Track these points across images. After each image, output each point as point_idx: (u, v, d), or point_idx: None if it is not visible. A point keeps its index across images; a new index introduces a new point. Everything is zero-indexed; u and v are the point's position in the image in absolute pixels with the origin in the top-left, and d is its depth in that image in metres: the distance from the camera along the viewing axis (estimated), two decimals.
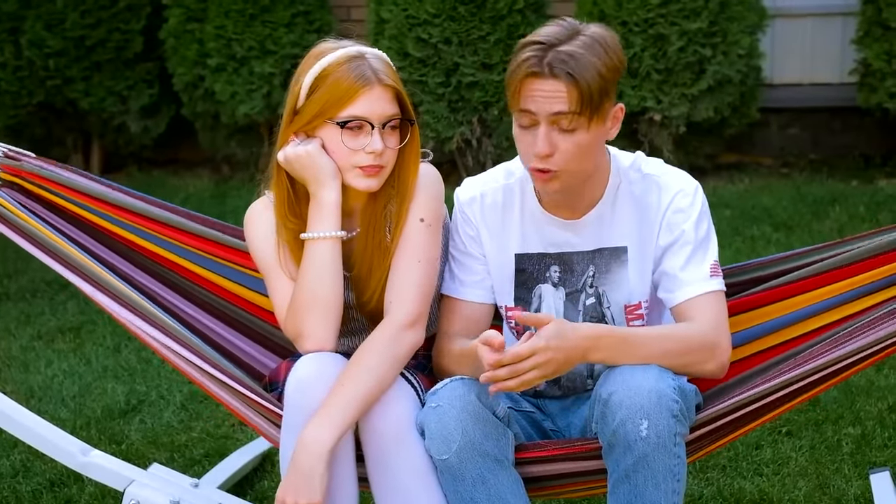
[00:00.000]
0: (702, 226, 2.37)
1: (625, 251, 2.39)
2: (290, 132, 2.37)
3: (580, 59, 2.19)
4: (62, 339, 4.47)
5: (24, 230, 2.59)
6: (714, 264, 2.36)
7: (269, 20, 6.45)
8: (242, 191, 6.37)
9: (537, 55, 2.21)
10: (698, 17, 5.99)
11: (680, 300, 2.33)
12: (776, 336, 2.58)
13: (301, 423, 2.25)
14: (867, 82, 6.26)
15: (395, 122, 2.34)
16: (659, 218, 2.37)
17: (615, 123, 2.31)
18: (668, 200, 2.37)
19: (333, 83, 2.31)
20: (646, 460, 2.14)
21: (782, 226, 5.52)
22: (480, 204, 2.45)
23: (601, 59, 2.21)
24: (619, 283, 2.41)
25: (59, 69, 6.76)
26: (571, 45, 2.21)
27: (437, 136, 6.22)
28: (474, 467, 2.20)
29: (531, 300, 2.46)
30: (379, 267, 2.42)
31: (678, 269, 2.34)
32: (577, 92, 2.19)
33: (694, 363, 2.28)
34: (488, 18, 6.12)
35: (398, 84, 2.35)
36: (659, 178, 2.39)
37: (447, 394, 2.23)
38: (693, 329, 2.29)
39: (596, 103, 2.22)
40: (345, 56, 2.33)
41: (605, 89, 2.22)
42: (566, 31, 2.24)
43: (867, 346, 2.26)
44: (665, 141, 6.18)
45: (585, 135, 2.24)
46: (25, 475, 3.33)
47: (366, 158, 2.32)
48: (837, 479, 3.15)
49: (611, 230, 2.39)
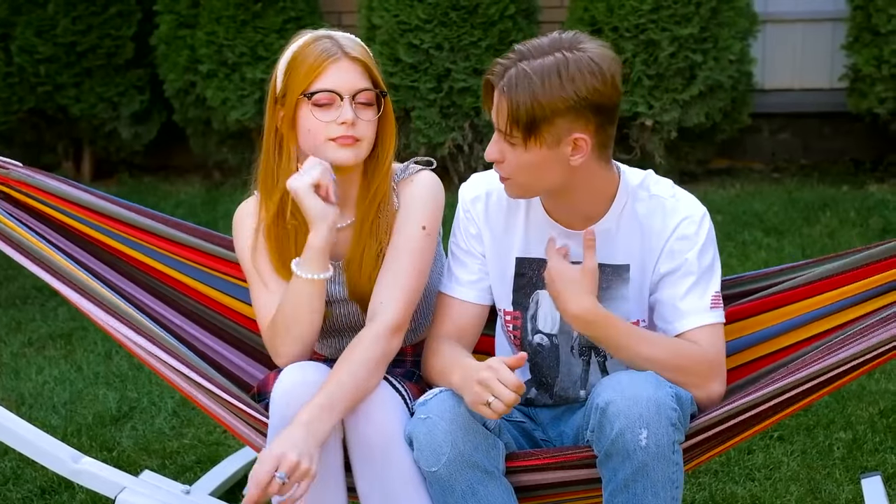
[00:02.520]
0: (706, 255, 2.33)
1: (627, 269, 2.37)
2: (274, 119, 2.40)
3: (522, 81, 2.16)
4: (53, 345, 4.46)
5: (11, 239, 2.58)
6: (716, 296, 2.32)
7: (260, 26, 6.45)
8: (234, 197, 6.36)
9: (504, 64, 2.22)
10: (689, 22, 6.00)
11: (677, 331, 2.31)
12: (769, 345, 2.57)
13: None
14: (857, 87, 6.28)
15: (367, 95, 2.37)
16: (661, 243, 2.33)
17: (577, 151, 2.21)
18: (674, 226, 2.32)
19: (302, 61, 2.35)
20: (645, 469, 2.12)
21: (773, 231, 5.53)
22: (485, 203, 2.44)
23: (548, 85, 2.15)
24: (618, 301, 2.37)
25: (49, 75, 6.75)
26: (531, 64, 2.17)
27: (429, 142, 6.22)
28: (464, 479, 2.19)
29: (528, 305, 2.44)
30: (370, 262, 2.42)
31: (677, 300, 2.31)
32: (506, 111, 2.19)
33: (691, 375, 2.26)
34: (480, 24, 6.13)
35: (367, 58, 2.38)
36: (666, 200, 2.34)
37: (437, 405, 2.22)
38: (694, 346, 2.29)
39: (528, 126, 2.18)
40: (313, 37, 2.39)
41: (543, 116, 2.16)
42: (546, 48, 2.19)
43: (860, 353, 2.25)
44: (657, 146, 6.19)
45: (524, 153, 2.22)
46: (16, 482, 3.31)
47: (338, 129, 2.34)
48: (829, 483, 3.16)
49: (615, 247, 2.36)
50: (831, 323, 2.52)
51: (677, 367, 2.25)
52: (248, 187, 2.55)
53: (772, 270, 2.64)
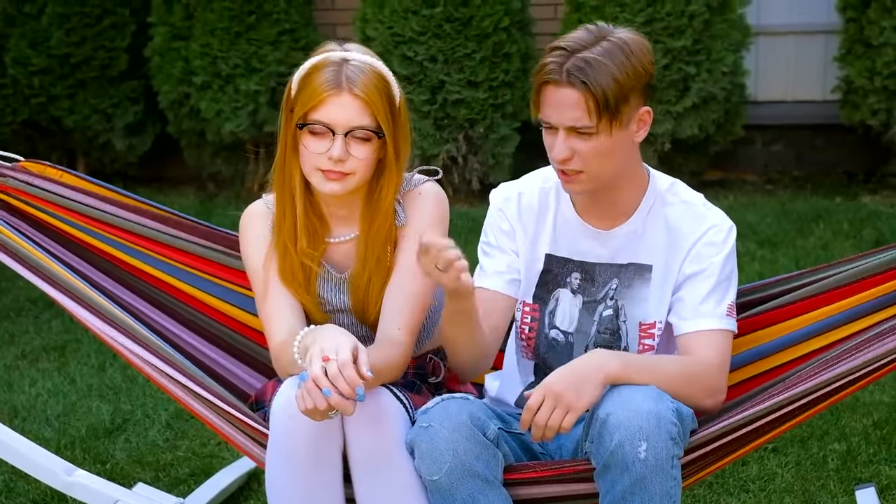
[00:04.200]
0: (728, 265, 2.38)
1: (650, 269, 2.40)
2: (286, 122, 2.39)
3: (596, 67, 2.21)
4: (46, 357, 4.45)
5: (7, 248, 2.58)
6: (731, 306, 2.37)
7: (254, 38, 6.46)
8: (228, 208, 6.35)
9: (558, 62, 2.24)
10: (682, 35, 6.02)
11: (690, 329, 2.34)
12: (766, 362, 2.57)
13: (288, 445, 2.24)
14: (850, 99, 6.30)
15: (363, 132, 2.33)
16: (688, 246, 2.37)
17: (642, 126, 2.32)
18: (703, 232, 2.37)
19: (308, 85, 2.33)
20: (643, 482, 2.12)
21: (767, 242, 5.54)
22: (517, 203, 2.47)
23: (620, 64, 2.22)
24: (639, 300, 2.41)
25: (43, 87, 6.75)
26: (592, 52, 2.22)
27: (423, 154, 6.23)
28: (465, 488, 2.19)
29: (548, 300, 2.47)
30: (377, 279, 2.42)
31: (697, 300, 2.35)
32: (592, 100, 2.22)
33: (694, 396, 2.28)
34: (474, 36, 6.14)
35: (371, 97, 2.31)
36: (697, 207, 2.41)
37: (438, 413, 2.22)
38: (697, 361, 2.31)
39: (613, 109, 2.23)
40: (326, 60, 2.33)
41: (622, 95, 2.23)
42: (592, 37, 2.25)
43: (857, 368, 2.25)
44: (650, 158, 6.20)
45: (607, 139, 2.26)
46: (9, 496, 3.30)
47: (327, 163, 2.32)
48: (823, 495, 3.16)
49: (640, 247, 2.40)
50: (829, 339, 2.52)
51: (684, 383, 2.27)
52: (240, 199, 2.55)
53: (768, 282, 2.64)
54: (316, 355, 2.09)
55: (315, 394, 2.06)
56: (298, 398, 2.10)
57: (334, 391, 2.06)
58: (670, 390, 2.21)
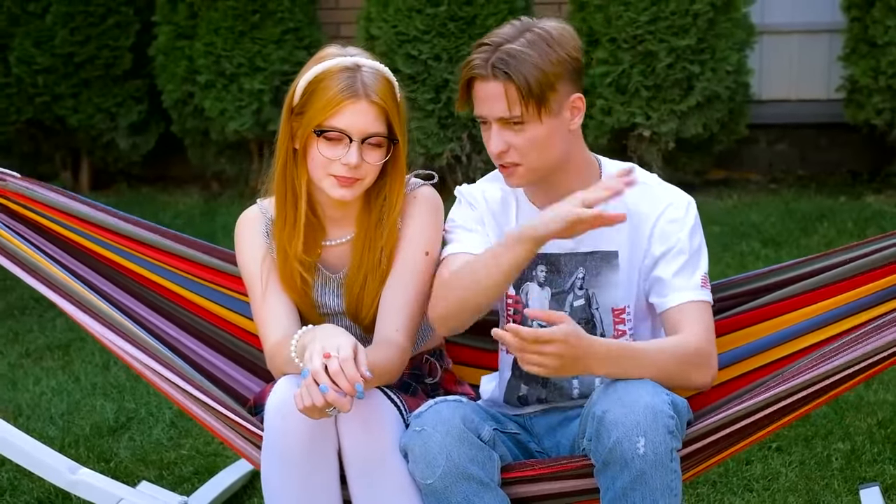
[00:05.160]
0: (695, 238, 2.39)
1: (615, 255, 2.41)
2: (287, 128, 2.38)
3: (518, 57, 2.24)
4: (51, 356, 4.45)
5: (8, 251, 2.58)
6: (704, 277, 2.38)
7: (258, 37, 6.46)
8: (232, 207, 6.36)
9: (483, 57, 2.27)
10: (686, 34, 6.02)
11: (671, 304, 2.35)
12: (763, 356, 2.58)
13: (282, 446, 2.24)
14: (854, 99, 6.30)
15: (378, 139, 2.34)
16: (650, 227, 2.39)
17: (576, 114, 2.33)
18: (661, 210, 2.39)
19: (321, 91, 2.31)
20: (643, 478, 2.12)
21: (771, 241, 5.53)
22: (483, 200, 2.48)
23: (542, 53, 2.25)
24: (608, 287, 2.42)
25: (47, 86, 6.75)
26: (515, 44, 2.26)
27: (427, 153, 6.23)
28: (459, 491, 2.19)
29: (520, 295, 2.47)
30: (372, 281, 2.43)
31: (671, 275, 2.36)
32: (515, 90, 2.24)
33: (687, 375, 2.29)
34: (478, 35, 6.11)
35: (387, 103, 2.33)
36: (653, 188, 2.42)
37: (431, 417, 2.22)
38: (686, 341, 2.31)
39: (538, 97, 2.25)
40: (339, 66, 2.33)
41: (547, 83, 2.25)
42: (515, 31, 2.29)
43: (856, 360, 2.25)
44: (654, 157, 6.21)
45: (538, 127, 2.28)
46: (13, 494, 3.31)
47: (341, 169, 2.33)
48: (827, 494, 3.15)
49: (602, 233, 2.39)
50: (826, 333, 2.52)
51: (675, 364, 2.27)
52: (244, 198, 2.55)
53: (762, 272, 2.64)
54: (317, 352, 2.10)
55: (314, 390, 2.07)
56: (297, 396, 2.10)
57: (333, 388, 2.06)
58: (665, 374, 2.22)
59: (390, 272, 2.42)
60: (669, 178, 2.50)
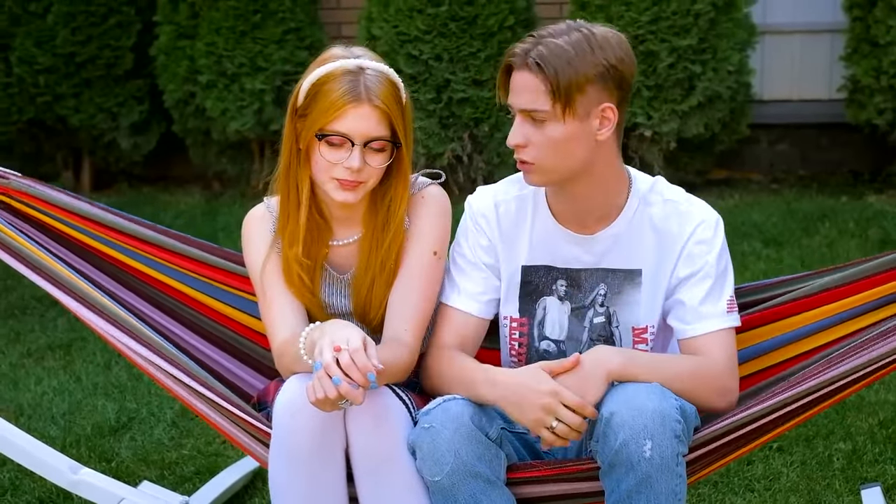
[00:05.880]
0: (722, 260, 2.36)
1: (639, 274, 2.38)
2: (292, 129, 2.38)
3: (555, 51, 2.21)
4: (52, 356, 4.45)
5: (11, 248, 2.59)
6: (731, 300, 2.35)
7: (259, 37, 6.46)
8: (234, 208, 6.36)
9: (525, 47, 2.25)
10: (688, 33, 6.02)
11: (696, 333, 2.33)
12: (769, 358, 2.57)
13: (290, 444, 2.24)
14: (856, 98, 6.29)
15: (380, 143, 2.34)
16: (679, 247, 2.35)
17: (605, 124, 2.26)
18: (691, 230, 2.35)
19: (324, 95, 2.31)
20: (649, 481, 2.12)
21: (772, 241, 5.53)
22: (496, 213, 2.44)
23: (581, 52, 2.21)
24: (630, 305, 2.39)
25: (49, 86, 6.75)
26: (559, 40, 2.22)
27: (428, 153, 6.23)
28: (466, 489, 2.19)
29: (535, 312, 2.45)
30: (380, 282, 2.43)
31: (697, 303, 2.33)
32: (543, 83, 2.21)
33: (704, 397, 2.28)
34: (479, 35, 6.14)
35: (390, 106, 2.32)
36: (680, 205, 2.38)
37: (440, 415, 2.22)
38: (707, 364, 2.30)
39: (566, 95, 2.21)
40: (342, 69, 2.32)
41: (577, 83, 2.20)
42: (566, 28, 2.26)
43: (860, 366, 2.25)
44: (656, 157, 6.21)
45: (559, 127, 2.24)
46: (14, 493, 3.31)
47: (344, 172, 2.33)
48: (829, 494, 3.15)
49: (627, 252, 2.37)
50: (830, 336, 2.52)
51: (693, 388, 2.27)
52: (246, 198, 2.55)
53: (771, 282, 2.63)
54: (327, 346, 2.11)
55: (326, 382, 2.08)
56: (309, 389, 2.12)
57: (345, 380, 2.07)
58: (678, 389, 2.21)
59: (398, 273, 2.42)
60: (671, 178, 2.49)
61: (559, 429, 2.16)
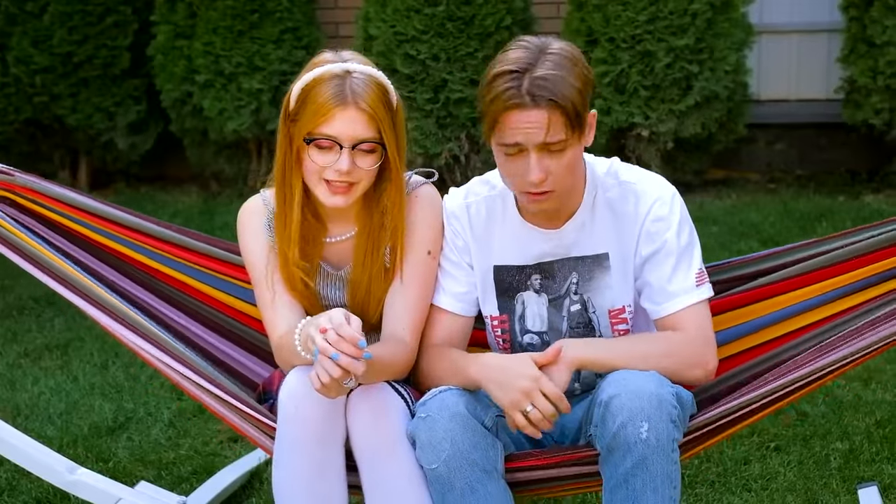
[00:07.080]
0: (683, 233, 2.37)
1: (606, 257, 2.41)
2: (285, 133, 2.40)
3: (556, 81, 2.19)
4: (49, 356, 4.45)
5: (15, 245, 2.60)
6: (700, 272, 2.37)
7: (257, 37, 6.46)
8: (231, 207, 6.36)
9: (514, 85, 2.20)
10: (685, 33, 6.02)
11: (667, 312, 2.35)
12: (760, 335, 2.60)
13: (294, 434, 2.28)
14: (853, 98, 6.30)
15: (369, 144, 2.35)
16: (637, 227, 2.37)
17: (591, 130, 2.31)
18: (646, 209, 2.37)
19: (312, 99, 2.33)
20: (644, 463, 2.15)
21: (770, 241, 5.53)
22: (467, 214, 2.48)
23: (575, 74, 2.22)
24: (602, 289, 2.43)
25: (45, 86, 6.75)
26: (543, 68, 2.20)
27: (426, 153, 6.23)
28: (463, 477, 2.22)
29: (514, 308, 2.48)
30: (377, 281, 2.47)
31: (665, 281, 2.35)
32: (562, 114, 2.20)
33: (682, 369, 2.31)
34: (476, 35, 6.14)
35: (377, 109, 2.33)
36: (635, 185, 2.39)
37: (436, 404, 2.26)
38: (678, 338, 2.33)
39: (578, 118, 2.23)
40: (329, 73, 2.34)
41: (582, 102, 2.23)
42: (533, 53, 2.22)
43: (850, 355, 2.29)
44: (653, 157, 6.21)
45: (574, 150, 2.27)
46: (11, 494, 3.31)
47: (334, 175, 2.35)
48: (826, 494, 3.16)
49: (591, 238, 2.41)
50: (823, 313, 2.55)
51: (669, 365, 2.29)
52: (243, 198, 2.57)
53: (759, 255, 2.64)
54: (315, 332, 2.15)
55: (327, 363, 2.12)
56: (313, 377, 2.15)
57: (340, 353, 2.11)
58: (654, 367, 2.24)
59: (394, 273, 2.46)
60: (668, 178, 2.49)
61: (532, 414, 2.20)
